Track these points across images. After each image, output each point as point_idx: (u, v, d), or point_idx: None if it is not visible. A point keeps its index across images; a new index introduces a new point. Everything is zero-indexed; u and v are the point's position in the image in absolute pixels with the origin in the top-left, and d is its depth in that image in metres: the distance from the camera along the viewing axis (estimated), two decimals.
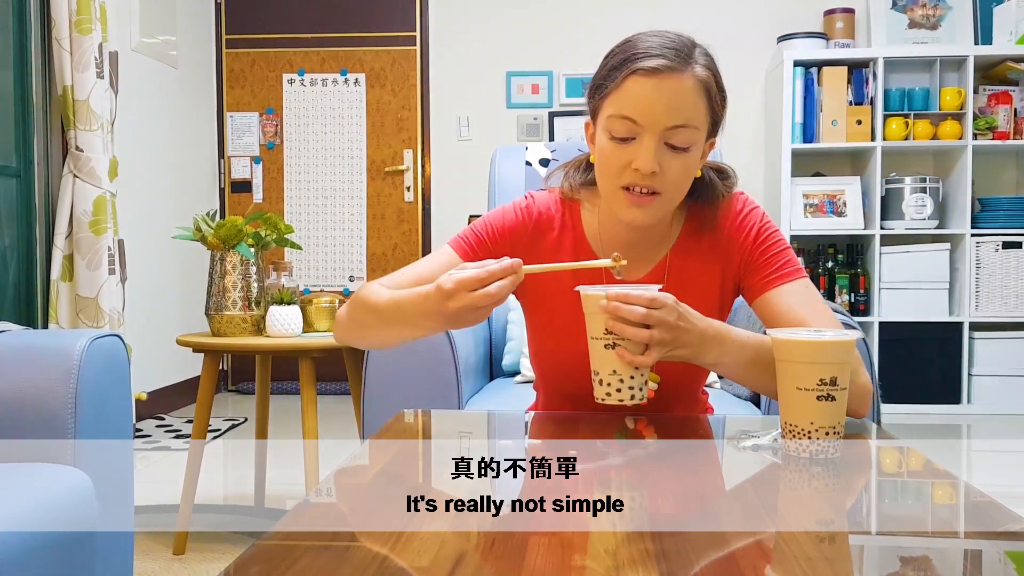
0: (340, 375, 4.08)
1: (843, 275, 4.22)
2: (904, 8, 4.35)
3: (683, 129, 1.14)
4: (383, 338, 1.26)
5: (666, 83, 1.13)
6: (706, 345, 1.11)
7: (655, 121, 1.14)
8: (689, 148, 1.16)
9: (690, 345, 1.09)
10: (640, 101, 1.14)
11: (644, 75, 1.13)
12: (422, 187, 4.78)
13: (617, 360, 1.07)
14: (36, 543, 1.19)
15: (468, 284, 1.03)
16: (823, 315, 1.21)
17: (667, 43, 1.16)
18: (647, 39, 1.17)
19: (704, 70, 1.16)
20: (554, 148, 2.36)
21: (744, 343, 1.14)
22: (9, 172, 3.14)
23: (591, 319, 1.08)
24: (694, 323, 1.10)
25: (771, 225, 1.29)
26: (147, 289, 3.95)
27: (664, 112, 1.13)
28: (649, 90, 1.13)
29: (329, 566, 0.68)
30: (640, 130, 1.14)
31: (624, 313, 1.04)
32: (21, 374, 1.41)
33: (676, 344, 1.08)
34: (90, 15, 3.10)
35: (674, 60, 1.14)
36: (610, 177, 1.19)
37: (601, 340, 1.07)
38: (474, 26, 4.71)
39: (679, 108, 1.14)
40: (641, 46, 1.16)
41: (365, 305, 1.22)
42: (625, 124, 1.15)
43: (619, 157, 1.16)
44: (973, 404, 4.09)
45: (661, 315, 1.06)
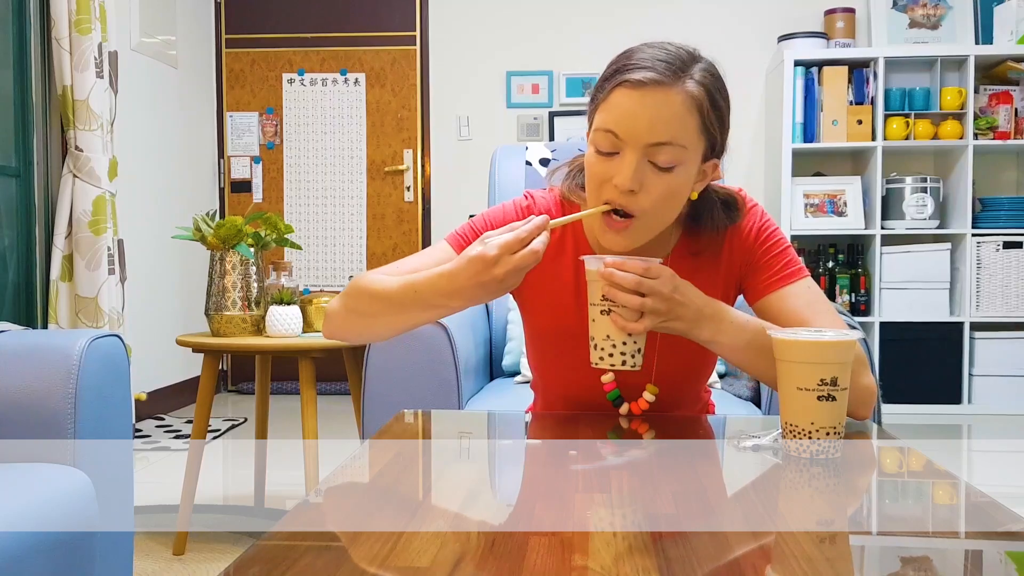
0: (340, 375, 4.09)
1: (844, 275, 4.22)
2: (905, 8, 4.35)
3: (667, 147, 1.09)
4: (390, 325, 1.21)
5: (651, 97, 1.08)
6: (702, 321, 1.11)
7: (636, 136, 1.09)
8: (674, 168, 1.11)
9: (684, 319, 1.10)
10: (623, 114, 1.10)
11: (630, 87, 1.09)
12: (422, 187, 4.77)
13: (611, 325, 1.09)
14: (36, 543, 1.19)
15: (511, 247, 1.05)
16: (826, 316, 1.20)
17: (662, 55, 1.11)
18: (644, 50, 1.13)
19: (697, 86, 1.10)
20: (554, 148, 2.35)
21: (742, 325, 1.14)
22: (9, 172, 3.14)
23: (591, 286, 1.11)
24: (690, 298, 1.11)
25: (771, 223, 1.27)
26: (147, 289, 3.95)
27: (646, 128, 1.09)
28: (633, 103, 1.09)
29: (329, 566, 0.68)
30: (622, 144, 1.10)
31: (618, 279, 1.06)
32: (21, 374, 1.41)
33: (670, 316, 1.09)
34: (90, 15, 3.10)
35: (663, 73, 1.09)
36: (592, 191, 1.16)
37: (598, 306, 1.10)
38: (474, 26, 4.71)
39: (663, 124, 1.09)
40: (635, 57, 1.12)
41: (369, 293, 1.19)
42: (608, 138, 1.11)
43: (602, 171, 1.13)
44: (973, 404, 4.09)
45: (655, 284, 1.07)
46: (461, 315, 1.96)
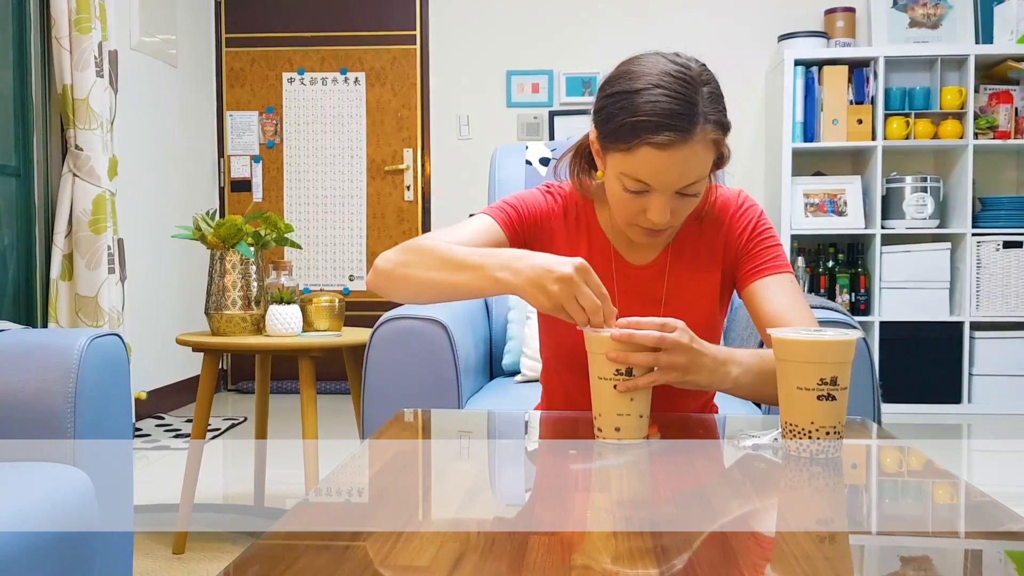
0: (340, 375, 4.09)
1: (843, 275, 4.22)
2: (905, 7, 4.35)
3: (694, 184, 1.18)
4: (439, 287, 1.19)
5: (677, 154, 1.14)
6: (720, 368, 1.13)
7: (667, 184, 1.17)
8: (699, 192, 1.21)
9: (705, 369, 1.11)
10: (652, 170, 1.16)
11: (655, 148, 1.14)
12: (422, 186, 4.77)
13: (625, 399, 1.05)
14: (36, 543, 1.19)
15: (593, 282, 1.06)
16: (801, 311, 1.25)
17: (675, 105, 1.12)
18: (653, 95, 1.13)
19: (713, 128, 1.15)
20: (554, 147, 2.35)
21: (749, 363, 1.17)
22: (8, 171, 3.14)
23: (596, 359, 1.07)
24: (706, 347, 1.12)
25: (767, 223, 1.34)
26: (147, 288, 3.95)
27: (677, 178, 1.16)
28: (661, 161, 1.14)
29: (329, 566, 0.68)
30: (652, 188, 1.18)
31: (639, 339, 1.05)
32: (20, 373, 1.41)
33: (691, 368, 1.09)
34: (90, 14, 3.10)
35: (684, 129, 1.13)
36: (623, 218, 1.24)
37: (609, 380, 1.05)
38: (474, 25, 4.70)
39: (690, 172, 1.16)
40: (647, 109, 1.13)
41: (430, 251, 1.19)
42: (638, 184, 1.18)
43: (632, 205, 1.20)
44: (973, 404, 4.09)
45: (675, 337, 1.07)
46: (461, 314, 1.96)
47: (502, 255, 1.13)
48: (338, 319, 2.32)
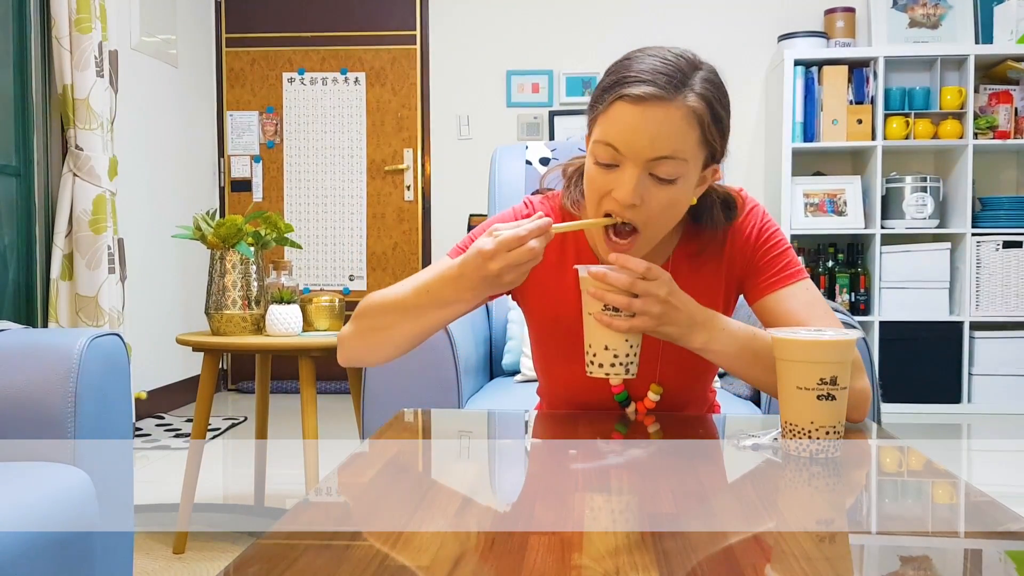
0: (340, 375, 4.09)
1: (843, 274, 4.22)
2: (905, 7, 4.35)
3: (668, 160, 1.09)
4: (408, 333, 1.20)
5: (651, 112, 1.07)
6: (694, 328, 1.12)
7: (637, 151, 1.08)
8: (676, 180, 1.11)
9: (677, 324, 1.10)
10: (623, 129, 1.09)
11: (630, 102, 1.08)
12: (422, 186, 4.77)
13: (610, 333, 1.09)
14: (36, 543, 1.19)
15: (508, 243, 1.05)
16: (824, 318, 1.20)
17: (661, 67, 1.09)
18: (643, 60, 1.11)
19: (698, 99, 1.09)
20: (554, 147, 2.35)
21: (733, 332, 1.14)
22: (9, 171, 3.14)
23: (586, 296, 1.11)
24: (684, 303, 1.11)
25: (772, 224, 1.27)
26: (147, 288, 3.96)
27: (647, 143, 1.08)
28: (633, 118, 1.08)
29: (329, 566, 0.68)
30: (623, 158, 1.10)
31: (611, 279, 1.07)
32: (21, 373, 1.41)
33: (663, 320, 1.09)
34: (90, 14, 3.10)
35: (664, 88, 1.07)
36: (592, 202, 1.16)
37: (592, 316, 1.10)
38: (474, 25, 4.71)
39: (664, 139, 1.08)
40: (634, 68, 1.10)
41: (381, 307, 1.20)
42: (608, 151, 1.10)
43: (602, 183, 1.13)
44: (973, 404, 4.09)
45: (650, 286, 1.07)
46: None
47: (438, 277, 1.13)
48: (338, 319, 2.33)
